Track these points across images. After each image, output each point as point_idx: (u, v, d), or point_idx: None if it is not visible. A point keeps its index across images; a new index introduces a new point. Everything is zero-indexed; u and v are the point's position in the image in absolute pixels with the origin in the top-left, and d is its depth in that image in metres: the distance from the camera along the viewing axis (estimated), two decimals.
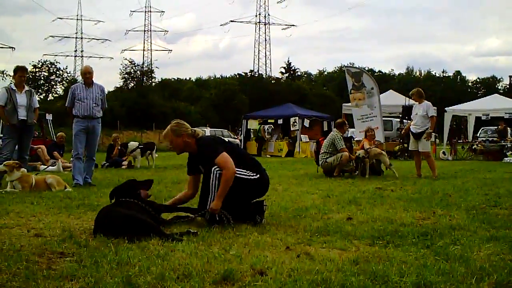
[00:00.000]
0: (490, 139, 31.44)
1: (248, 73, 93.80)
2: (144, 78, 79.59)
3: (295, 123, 32.56)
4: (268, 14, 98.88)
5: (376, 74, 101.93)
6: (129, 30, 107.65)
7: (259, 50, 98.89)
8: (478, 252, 4.78)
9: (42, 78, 76.16)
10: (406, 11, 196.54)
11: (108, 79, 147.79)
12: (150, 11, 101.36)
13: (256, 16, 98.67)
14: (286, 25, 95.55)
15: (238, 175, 6.33)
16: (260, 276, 3.93)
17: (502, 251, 4.85)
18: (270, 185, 7.16)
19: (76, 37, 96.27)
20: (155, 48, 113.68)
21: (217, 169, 6.30)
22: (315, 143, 18.05)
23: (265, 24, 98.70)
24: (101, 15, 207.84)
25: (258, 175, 6.63)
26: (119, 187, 6.48)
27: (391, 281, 3.79)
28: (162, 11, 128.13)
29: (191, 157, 6.90)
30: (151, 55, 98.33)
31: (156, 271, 4.00)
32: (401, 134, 21.48)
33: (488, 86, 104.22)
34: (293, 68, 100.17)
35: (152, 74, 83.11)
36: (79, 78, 65.66)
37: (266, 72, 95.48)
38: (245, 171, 6.47)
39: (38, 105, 11.82)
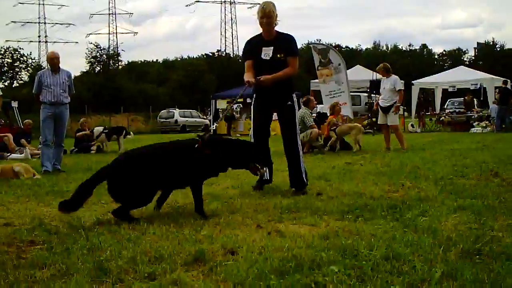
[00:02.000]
0: (457, 110, 31.84)
1: (216, 53, 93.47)
2: (111, 62, 78.90)
3: None
4: None
5: (343, 49, 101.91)
6: (94, 14, 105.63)
7: (225, 29, 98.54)
8: (445, 223, 4.86)
9: (6, 65, 74.99)
10: None
11: (74, 64, 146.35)
12: None
13: None
14: (251, 3, 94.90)
15: None
16: (231, 256, 3.95)
17: (468, 220, 4.94)
18: None
19: (39, 22, 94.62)
20: (120, 31, 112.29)
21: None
22: None
23: (230, 4, 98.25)
24: None
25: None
26: (241, 141, 6.41)
27: (361, 255, 3.83)
28: None
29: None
30: (116, 38, 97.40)
31: (128, 255, 4.00)
32: (373, 110, 21.57)
33: (454, 58, 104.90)
34: None
35: (119, 58, 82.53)
36: (44, 64, 64.93)
37: (233, 51, 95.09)
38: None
39: (1, 93, 11.66)
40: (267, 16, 7.00)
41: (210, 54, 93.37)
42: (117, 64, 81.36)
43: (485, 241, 4.12)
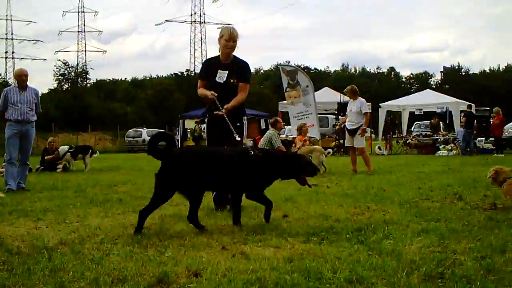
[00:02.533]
0: (424, 133, 32.21)
1: (185, 73, 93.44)
2: (79, 80, 78.44)
3: None
4: (204, 14, 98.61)
5: (312, 71, 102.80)
6: (63, 31, 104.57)
7: (195, 49, 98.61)
8: (409, 246, 4.90)
9: None
10: (341, 9, 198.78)
11: (42, 81, 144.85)
12: (84, 12, 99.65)
13: (191, 15, 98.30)
14: (221, 24, 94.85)
15: None
16: (195, 278, 3.94)
17: (432, 243, 4.98)
18: None
19: (7, 38, 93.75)
20: (89, 49, 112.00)
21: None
22: (252, 141, 18.13)
23: (200, 24, 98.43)
24: (33, 15, 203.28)
25: None
26: (286, 154, 7.07)
27: (325, 278, 3.84)
28: (96, 11, 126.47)
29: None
30: (85, 56, 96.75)
31: (91, 276, 3.96)
32: (336, 130, 21.78)
33: (421, 81, 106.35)
34: None
35: (87, 75, 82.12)
36: (11, 81, 64.28)
37: None
38: None
39: None
40: (233, 40, 7.29)
41: (179, 74, 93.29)
42: (85, 82, 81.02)
43: (447, 264, 4.16)
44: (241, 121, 7.53)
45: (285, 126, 22.29)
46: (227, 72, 7.35)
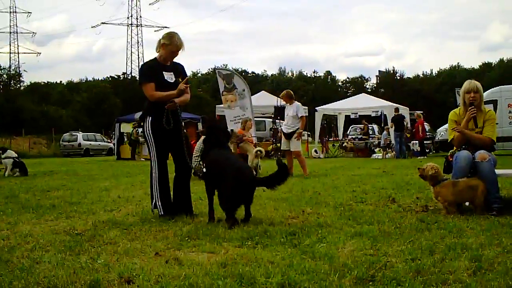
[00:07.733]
0: (359, 136, 32.70)
1: (121, 76, 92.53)
2: (12, 82, 76.74)
3: None
4: (140, 16, 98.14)
5: (249, 75, 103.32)
6: None
7: (131, 52, 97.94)
8: (342, 249, 4.95)
9: None
10: (279, 13, 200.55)
11: None
12: (16, 12, 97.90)
13: (128, 18, 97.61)
14: (158, 27, 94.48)
15: None
16: (127, 285, 3.90)
17: (364, 246, 5.04)
18: (142, 189, 7.16)
19: None
20: (22, 50, 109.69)
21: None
22: None
23: (137, 26, 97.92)
24: None
25: None
26: None
27: (258, 282, 3.85)
28: (29, 12, 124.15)
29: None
30: (18, 58, 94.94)
31: (19, 286, 3.88)
32: (278, 136, 21.93)
33: (357, 85, 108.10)
34: None
35: (20, 78, 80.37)
36: None
37: None
38: None
39: None
40: (178, 50, 7.45)
41: (116, 77, 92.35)
42: (18, 85, 79.28)
43: (379, 267, 4.22)
44: None
45: None
46: (172, 73, 7.46)
